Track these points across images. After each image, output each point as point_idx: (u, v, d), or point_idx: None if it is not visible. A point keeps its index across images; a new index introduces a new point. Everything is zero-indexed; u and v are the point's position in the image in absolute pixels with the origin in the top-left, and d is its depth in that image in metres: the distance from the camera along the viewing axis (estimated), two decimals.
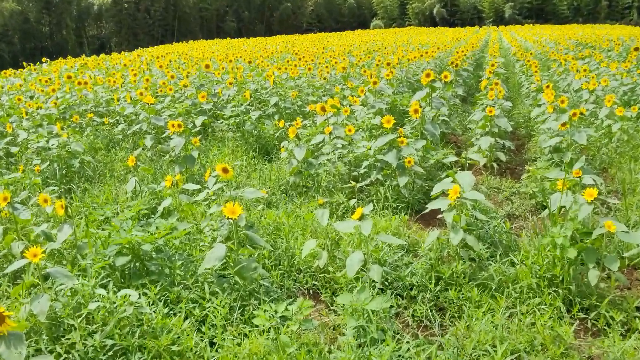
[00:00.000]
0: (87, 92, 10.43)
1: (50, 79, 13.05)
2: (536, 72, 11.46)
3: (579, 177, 4.33)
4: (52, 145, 6.78)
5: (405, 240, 4.53)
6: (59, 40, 49.03)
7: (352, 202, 4.95)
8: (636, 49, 13.56)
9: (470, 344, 3.16)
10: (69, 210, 3.96)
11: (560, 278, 3.68)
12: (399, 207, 5.43)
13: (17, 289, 3.41)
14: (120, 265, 3.69)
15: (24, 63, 22.86)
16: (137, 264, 3.80)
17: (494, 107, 7.12)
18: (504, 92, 8.28)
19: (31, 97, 10.80)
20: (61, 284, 3.32)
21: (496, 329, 3.26)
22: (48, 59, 24.22)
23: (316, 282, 4.06)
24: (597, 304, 3.54)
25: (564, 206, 4.22)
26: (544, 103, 7.82)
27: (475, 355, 3.11)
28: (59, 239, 3.86)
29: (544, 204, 5.41)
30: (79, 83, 10.18)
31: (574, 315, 3.50)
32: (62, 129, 7.21)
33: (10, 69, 23.43)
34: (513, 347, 3.15)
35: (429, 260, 4.04)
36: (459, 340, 3.25)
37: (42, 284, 3.21)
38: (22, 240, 4.18)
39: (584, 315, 3.51)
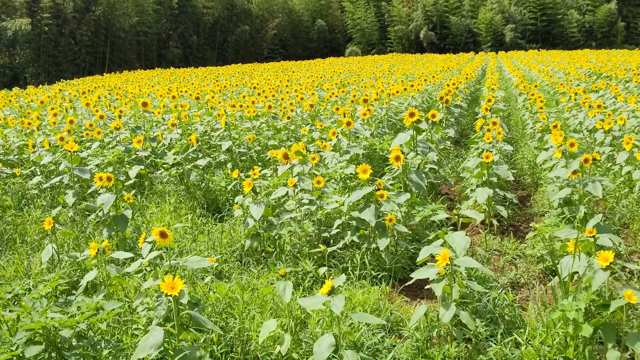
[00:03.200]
0: None
1: None
2: (542, 108, 11.72)
3: (594, 236, 4.41)
4: None
5: (387, 318, 4.53)
6: None
7: (322, 270, 4.93)
8: None
9: None
10: None
11: None
12: (379, 276, 5.43)
13: None
14: (32, 357, 3.61)
15: None
16: (53, 355, 3.71)
17: (491, 152, 7.24)
18: (503, 133, 8.48)
19: None
20: None
21: None
22: None
23: None
24: None
25: (577, 272, 4.28)
26: (551, 146, 7.96)
27: None
28: None
29: (554, 269, 5.49)
30: None
31: None
32: None
33: None
34: None
35: (415, 342, 4.04)
36: None
37: None
38: None
39: None
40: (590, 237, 4.34)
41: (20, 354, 3.60)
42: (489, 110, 10.69)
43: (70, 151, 7.24)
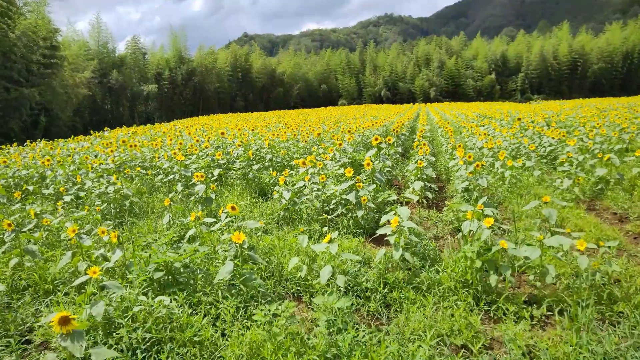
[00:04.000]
0: (136, 152, 10.38)
1: (110, 142, 12.98)
2: (452, 135, 11.72)
3: (482, 209, 4.41)
4: (110, 190, 6.71)
5: (362, 257, 4.53)
6: (117, 114, 48.71)
7: (325, 229, 4.95)
8: (519, 119, 14.00)
9: (408, 330, 3.15)
10: (120, 238, 3.91)
11: (471, 281, 3.70)
12: (358, 232, 5.43)
13: (81, 297, 3.33)
14: (157, 278, 3.62)
15: (91, 131, 22.69)
16: (170, 277, 3.73)
17: (423, 160, 7.25)
18: (429, 150, 8.46)
19: (95, 156, 10.70)
20: (113, 293, 3.25)
21: (426, 319, 3.25)
22: (109, 128, 24.07)
23: (299, 288, 4.02)
24: (497, 299, 3.56)
25: (472, 230, 4.28)
26: (457, 157, 7.97)
27: (411, 339, 3.09)
28: (113, 260, 3.79)
29: (459, 228, 5.47)
30: (131, 145, 10.14)
31: (480, 308, 3.51)
32: (117, 179, 7.14)
33: (81, 135, 23.23)
34: (438, 332, 3.14)
35: (379, 270, 4.04)
36: (400, 328, 3.23)
37: (100, 293, 3.13)
38: (86, 260, 4.09)
39: (488, 308, 3.52)
40: (480, 210, 4.34)
41: (151, 277, 3.62)
42: (421, 136, 10.65)
43: (179, 160, 7.26)
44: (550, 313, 3.42)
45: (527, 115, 18.99)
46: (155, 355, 2.86)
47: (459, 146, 8.05)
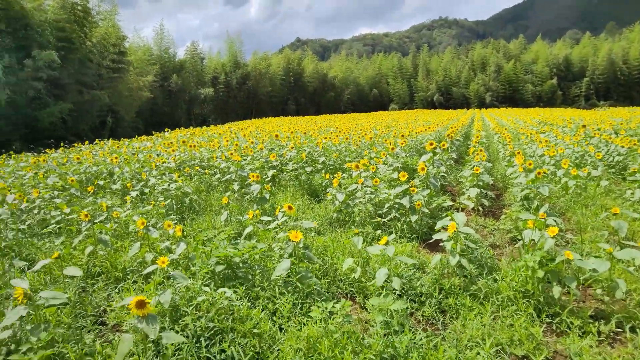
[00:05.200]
0: (195, 152, 10.84)
1: (170, 142, 13.64)
2: (509, 142, 11.31)
3: (544, 218, 4.24)
4: (172, 188, 7.06)
5: (417, 261, 4.49)
6: (174, 116, 51.08)
7: (378, 232, 4.94)
8: (584, 126, 13.26)
9: (465, 337, 3.09)
10: (184, 232, 4.12)
11: (532, 292, 3.58)
12: (411, 237, 5.38)
13: (149, 285, 3.55)
14: (218, 271, 3.78)
15: (152, 132, 23.96)
16: (229, 271, 3.88)
17: (479, 166, 7.06)
18: (486, 156, 8.22)
19: (158, 155, 11.29)
20: (178, 283, 3.43)
21: (484, 327, 3.18)
22: (169, 129, 25.28)
23: (352, 289, 4.04)
24: (560, 312, 3.42)
25: (533, 239, 4.12)
26: (515, 164, 7.68)
27: (469, 346, 3.04)
28: (177, 252, 4.00)
29: (518, 237, 5.28)
30: (190, 146, 10.61)
31: (542, 319, 3.38)
32: (178, 177, 7.50)
33: (143, 135, 24.58)
34: (497, 341, 3.06)
35: (434, 275, 3.99)
36: (457, 334, 3.18)
37: (166, 282, 3.32)
38: (152, 252, 4.35)
39: (550, 320, 3.38)
40: (542, 218, 4.18)
41: (213, 270, 3.78)
42: (477, 142, 10.36)
43: (235, 160, 7.51)
44: (620, 330, 3.23)
45: (593, 122, 17.93)
46: (218, 344, 3.00)
47: (518, 153, 7.74)
